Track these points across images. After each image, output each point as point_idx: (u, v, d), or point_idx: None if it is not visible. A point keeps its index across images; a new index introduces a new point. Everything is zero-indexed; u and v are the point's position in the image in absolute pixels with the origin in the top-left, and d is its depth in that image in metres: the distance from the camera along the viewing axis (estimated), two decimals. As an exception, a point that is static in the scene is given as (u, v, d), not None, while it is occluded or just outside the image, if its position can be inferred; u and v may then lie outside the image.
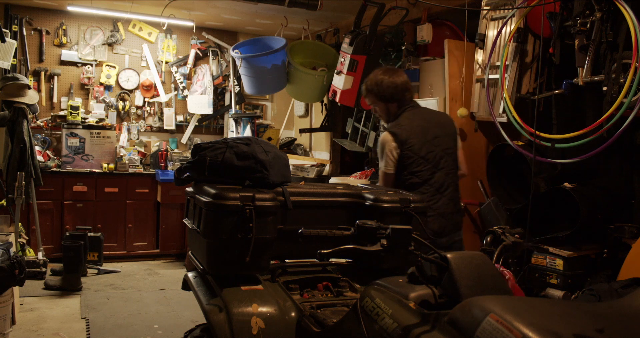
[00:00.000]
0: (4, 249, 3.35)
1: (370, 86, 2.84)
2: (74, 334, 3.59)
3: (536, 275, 3.06)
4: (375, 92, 2.83)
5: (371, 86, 2.84)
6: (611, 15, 2.77)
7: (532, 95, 3.33)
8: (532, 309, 1.03)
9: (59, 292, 4.45)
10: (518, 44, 3.38)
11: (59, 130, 5.75)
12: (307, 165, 5.91)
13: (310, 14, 5.06)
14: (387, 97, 2.81)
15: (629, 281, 2.59)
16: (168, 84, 6.30)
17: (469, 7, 3.79)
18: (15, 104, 4.77)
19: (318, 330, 1.68)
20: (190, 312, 4.04)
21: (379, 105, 2.85)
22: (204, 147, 2.20)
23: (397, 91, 2.81)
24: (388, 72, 2.85)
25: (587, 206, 2.95)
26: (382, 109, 2.86)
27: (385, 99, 2.81)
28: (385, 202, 2.10)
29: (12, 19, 5.52)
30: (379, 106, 2.86)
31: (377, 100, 2.84)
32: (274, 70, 4.92)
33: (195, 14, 5.68)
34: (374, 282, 1.46)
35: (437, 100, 3.98)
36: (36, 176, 4.85)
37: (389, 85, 2.80)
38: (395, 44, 4.49)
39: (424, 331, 1.17)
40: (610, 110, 2.69)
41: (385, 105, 2.83)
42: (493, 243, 1.61)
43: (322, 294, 2.01)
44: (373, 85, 2.83)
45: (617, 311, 1.12)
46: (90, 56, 5.89)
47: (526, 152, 3.18)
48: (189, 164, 2.22)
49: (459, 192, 2.87)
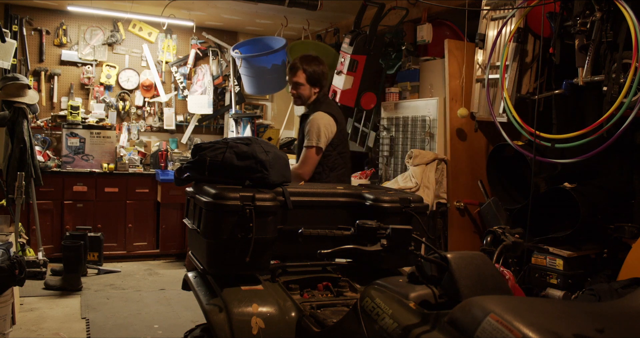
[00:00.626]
0: (4, 249, 3.35)
1: (308, 67, 3.02)
2: (74, 334, 3.59)
3: (536, 275, 3.06)
4: (309, 73, 3.02)
5: (310, 68, 3.02)
6: (611, 15, 2.77)
7: (532, 95, 3.33)
8: (532, 309, 1.03)
9: (59, 292, 4.45)
10: (518, 44, 3.38)
11: (59, 130, 5.75)
12: (307, 165, 5.89)
13: (310, 14, 5.06)
14: (318, 82, 3.05)
15: (629, 281, 2.59)
16: (168, 84, 6.30)
17: (469, 7, 3.79)
18: (16, 104, 4.77)
19: (318, 330, 1.68)
20: (190, 312, 4.04)
21: (305, 86, 3.05)
22: (204, 147, 2.20)
23: (325, 78, 3.10)
24: (320, 60, 3.09)
25: (587, 206, 2.95)
26: (306, 91, 3.06)
27: (316, 83, 3.04)
28: (385, 202, 2.10)
29: (12, 19, 5.52)
30: (305, 87, 3.05)
31: (306, 82, 3.04)
32: (274, 70, 4.92)
33: (195, 14, 5.68)
34: (374, 282, 1.46)
35: (437, 100, 3.98)
36: (36, 176, 4.85)
37: (323, 72, 3.06)
38: (395, 44, 4.49)
39: (424, 331, 1.17)
40: (610, 110, 2.69)
41: (311, 88, 3.05)
42: (493, 243, 1.61)
43: (322, 294, 2.01)
44: (314, 67, 3.02)
45: (617, 311, 1.12)
46: (90, 56, 5.89)
47: (526, 152, 3.18)
48: (189, 164, 2.22)
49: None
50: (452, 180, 3.87)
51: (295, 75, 3.05)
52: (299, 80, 3.04)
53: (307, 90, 3.06)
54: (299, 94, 3.08)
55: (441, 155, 3.88)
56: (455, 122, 3.88)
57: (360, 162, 5.56)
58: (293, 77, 3.06)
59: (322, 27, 5.83)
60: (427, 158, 3.82)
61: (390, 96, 4.50)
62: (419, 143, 4.14)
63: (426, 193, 3.75)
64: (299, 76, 3.03)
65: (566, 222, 3.15)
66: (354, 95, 4.35)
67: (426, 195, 3.73)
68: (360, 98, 4.37)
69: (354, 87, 4.32)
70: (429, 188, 3.78)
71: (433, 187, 3.79)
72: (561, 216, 3.24)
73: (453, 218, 3.87)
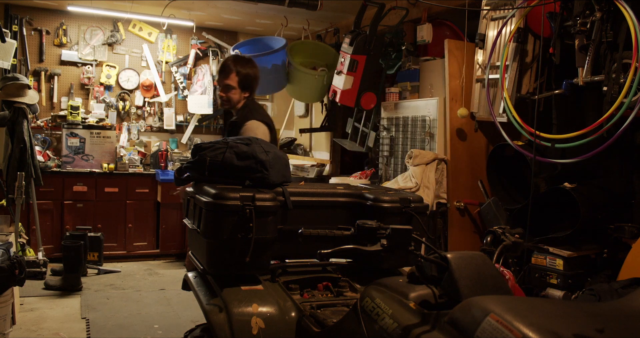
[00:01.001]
0: (4, 249, 3.35)
1: (242, 70, 2.80)
2: (74, 334, 3.59)
3: (536, 275, 3.06)
4: (242, 76, 2.80)
5: (244, 70, 2.80)
6: (611, 15, 2.77)
7: (532, 95, 3.33)
8: (532, 309, 1.03)
9: (59, 292, 4.45)
10: (518, 44, 3.38)
11: (59, 130, 5.75)
12: (307, 165, 5.91)
13: (310, 14, 5.06)
14: (250, 86, 2.85)
15: (629, 281, 2.59)
16: (168, 84, 6.30)
17: (469, 7, 3.79)
18: (16, 104, 4.77)
19: (318, 330, 1.68)
20: (190, 312, 4.04)
21: (236, 90, 2.82)
22: (204, 147, 2.20)
23: (257, 83, 2.90)
24: (254, 63, 2.89)
25: (587, 206, 2.95)
26: (236, 95, 2.82)
27: (247, 87, 2.84)
28: (385, 202, 2.10)
29: (12, 19, 5.52)
30: (236, 91, 2.82)
31: (238, 86, 2.81)
32: (274, 70, 4.92)
33: (195, 14, 5.68)
34: (374, 282, 1.46)
35: (437, 100, 3.98)
36: (36, 176, 4.85)
37: (256, 76, 2.86)
38: (395, 44, 4.49)
39: (424, 331, 1.17)
40: (610, 110, 2.69)
41: (241, 92, 2.83)
42: (493, 243, 1.61)
43: (322, 294, 2.01)
44: (248, 69, 2.81)
45: (617, 311, 1.12)
46: (90, 56, 5.89)
47: (526, 152, 3.18)
48: (189, 164, 2.22)
49: None
50: (452, 180, 3.87)
51: (228, 78, 2.80)
52: (230, 83, 2.79)
53: (237, 95, 2.83)
54: (228, 98, 2.83)
55: (441, 155, 3.88)
56: (455, 122, 3.88)
57: (360, 162, 5.56)
58: (225, 79, 2.81)
59: (322, 27, 5.83)
60: (427, 158, 3.82)
61: (390, 96, 4.50)
62: (419, 143, 4.14)
63: (426, 193, 3.75)
64: (232, 79, 2.79)
65: (566, 222, 3.15)
66: (354, 95, 4.35)
67: (426, 195, 3.73)
68: (360, 98, 4.37)
69: (354, 87, 4.32)
70: (429, 188, 3.78)
71: (433, 187, 3.79)
72: (561, 216, 3.24)
73: (453, 218, 3.87)
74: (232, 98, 2.83)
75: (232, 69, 2.79)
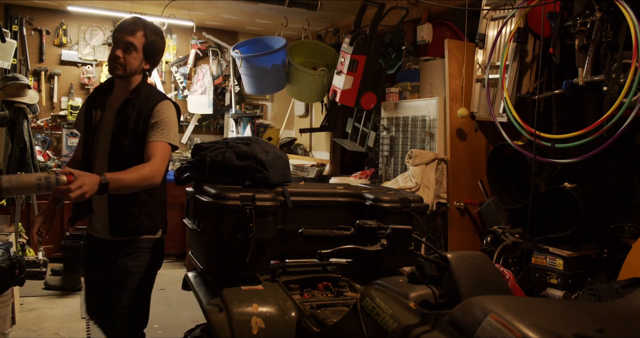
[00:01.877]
0: (4, 249, 3.35)
1: (151, 34, 2.19)
2: (74, 334, 3.59)
3: (536, 275, 3.06)
4: (151, 42, 2.18)
5: (153, 36, 2.20)
6: (611, 15, 2.77)
7: (532, 95, 3.33)
8: (532, 309, 1.03)
9: (59, 292, 4.45)
10: (518, 44, 3.38)
11: (59, 130, 5.75)
12: (307, 165, 5.91)
13: (310, 14, 5.06)
14: (153, 57, 2.24)
15: (629, 281, 2.59)
16: (168, 83, 6.30)
17: (469, 7, 3.79)
18: (16, 104, 4.77)
19: (318, 330, 1.68)
20: (190, 312, 4.03)
21: (139, 55, 2.17)
22: (204, 147, 2.20)
23: (160, 58, 2.32)
24: (163, 36, 2.31)
25: (587, 206, 2.95)
26: (137, 61, 2.17)
27: (150, 57, 2.22)
28: (385, 202, 2.10)
29: (12, 19, 5.51)
30: (137, 56, 2.16)
31: (142, 50, 2.17)
32: (274, 70, 4.92)
33: (195, 14, 5.67)
34: (374, 282, 1.46)
35: (437, 100, 3.98)
36: (36, 176, 4.85)
37: (162, 50, 2.29)
38: (395, 44, 4.49)
39: (424, 331, 1.17)
40: (610, 110, 2.69)
41: (142, 60, 2.19)
42: (493, 243, 1.61)
43: (322, 294, 2.01)
44: (157, 37, 2.22)
45: (617, 311, 1.12)
46: (91, 56, 5.89)
47: (526, 152, 3.18)
48: (189, 164, 2.22)
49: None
50: (452, 180, 3.87)
51: (133, 35, 2.14)
52: (135, 42, 2.14)
53: (138, 61, 2.18)
54: (126, 61, 2.15)
55: (441, 155, 3.88)
56: (455, 122, 3.88)
57: (360, 162, 5.56)
58: (129, 35, 2.14)
59: (322, 27, 5.83)
60: (427, 158, 3.82)
61: (390, 96, 4.50)
62: (419, 143, 4.14)
63: (426, 193, 3.74)
64: (138, 38, 2.15)
65: (566, 222, 3.15)
66: (354, 95, 4.35)
67: (426, 195, 3.73)
68: (360, 98, 4.37)
69: (354, 87, 4.32)
70: (429, 188, 3.78)
71: (433, 187, 3.79)
72: (561, 216, 3.24)
73: (453, 218, 3.87)
74: (130, 63, 2.15)
75: (141, 28, 2.17)
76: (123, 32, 2.16)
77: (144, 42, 2.17)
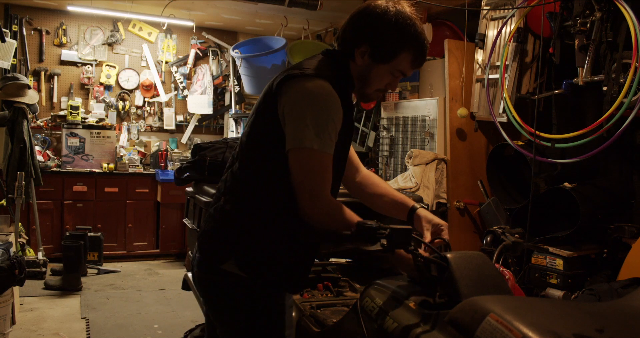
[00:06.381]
0: (4, 249, 3.35)
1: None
2: (74, 334, 3.59)
3: (536, 275, 3.06)
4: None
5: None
6: (611, 15, 2.77)
7: (532, 95, 3.33)
8: (532, 309, 1.03)
9: (59, 292, 4.45)
10: (518, 44, 3.39)
11: (59, 130, 5.75)
12: (307, 165, 5.90)
13: (310, 14, 5.05)
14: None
15: (629, 281, 2.59)
16: (168, 83, 6.30)
17: (469, 7, 3.79)
18: (15, 104, 4.77)
19: (318, 330, 1.68)
20: (190, 312, 4.03)
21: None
22: (204, 147, 2.20)
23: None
24: None
25: (587, 206, 2.95)
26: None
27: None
28: (385, 202, 2.09)
29: (12, 19, 5.51)
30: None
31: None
32: (274, 70, 4.93)
33: (195, 14, 5.67)
34: (374, 282, 1.46)
35: (437, 100, 3.98)
36: (36, 176, 4.85)
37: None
38: (395, 43, 4.48)
39: (424, 331, 1.17)
40: (610, 110, 2.69)
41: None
42: (493, 243, 1.61)
43: (322, 294, 2.01)
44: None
45: (617, 311, 1.12)
46: (90, 56, 5.89)
47: (526, 152, 3.18)
48: (189, 164, 2.22)
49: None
50: (452, 180, 3.87)
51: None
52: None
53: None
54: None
55: (441, 155, 3.88)
56: (455, 122, 3.88)
57: (361, 162, 5.56)
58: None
59: (322, 27, 5.82)
60: (427, 158, 3.82)
61: (390, 96, 4.50)
62: (419, 143, 4.14)
63: (426, 193, 3.75)
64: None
65: (566, 222, 3.15)
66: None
67: (426, 195, 3.73)
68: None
69: (354, 87, 4.31)
70: (429, 188, 3.78)
71: (433, 187, 3.79)
72: (561, 216, 3.24)
73: (453, 218, 3.87)
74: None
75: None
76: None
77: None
